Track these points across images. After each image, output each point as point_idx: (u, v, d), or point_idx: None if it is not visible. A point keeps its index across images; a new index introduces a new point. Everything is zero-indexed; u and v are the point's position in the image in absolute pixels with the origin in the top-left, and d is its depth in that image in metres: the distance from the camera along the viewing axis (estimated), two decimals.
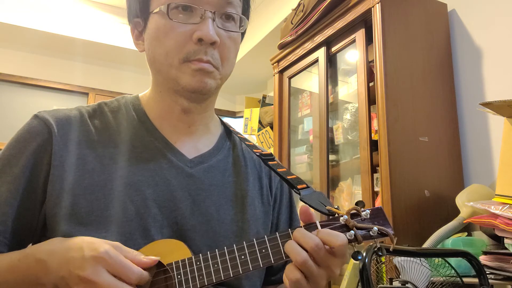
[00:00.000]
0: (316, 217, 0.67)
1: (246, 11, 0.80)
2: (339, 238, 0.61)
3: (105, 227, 0.67)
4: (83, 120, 0.75)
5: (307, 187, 0.74)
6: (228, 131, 0.88)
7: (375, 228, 0.64)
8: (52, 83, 3.87)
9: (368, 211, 0.66)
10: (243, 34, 0.82)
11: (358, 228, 0.64)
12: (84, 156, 0.71)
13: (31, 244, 0.73)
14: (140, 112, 0.79)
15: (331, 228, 0.64)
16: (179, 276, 0.63)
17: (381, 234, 0.64)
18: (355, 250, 0.64)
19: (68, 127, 0.73)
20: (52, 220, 0.68)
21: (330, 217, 0.67)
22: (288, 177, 0.76)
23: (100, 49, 3.77)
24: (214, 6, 0.72)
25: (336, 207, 0.68)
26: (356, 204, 0.67)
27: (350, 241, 0.63)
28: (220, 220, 0.75)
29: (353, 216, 0.66)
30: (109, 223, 0.67)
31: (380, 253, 0.65)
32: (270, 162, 0.80)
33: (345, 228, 0.64)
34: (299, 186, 0.74)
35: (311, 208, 0.67)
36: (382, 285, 1.27)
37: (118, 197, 0.69)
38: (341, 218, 0.65)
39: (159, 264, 0.65)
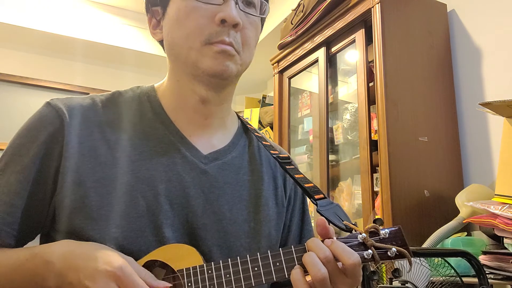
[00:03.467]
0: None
1: None
2: (352, 256, 0.58)
3: (115, 223, 0.65)
4: (96, 110, 0.73)
5: (324, 197, 0.71)
6: (245, 128, 0.86)
7: (394, 249, 0.61)
8: (52, 83, 3.87)
9: (387, 231, 0.63)
10: (263, 21, 0.80)
11: (376, 248, 0.61)
12: (96, 148, 0.69)
13: (39, 236, 0.71)
14: (155, 103, 0.77)
15: (348, 245, 0.61)
16: (189, 284, 0.61)
17: (399, 255, 0.62)
18: (372, 270, 0.62)
19: (80, 116, 0.71)
20: (61, 212, 0.66)
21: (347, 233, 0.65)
22: (306, 186, 0.74)
23: (100, 49, 3.76)
24: None
25: (354, 223, 0.66)
26: (374, 221, 0.65)
27: (367, 260, 0.61)
28: (232, 219, 0.73)
29: (371, 234, 0.63)
30: (119, 218, 0.65)
31: (396, 275, 0.63)
32: (287, 166, 0.78)
33: (362, 246, 0.62)
34: (316, 196, 0.71)
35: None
36: (382, 285, 1.27)
37: (129, 192, 0.67)
38: (359, 236, 0.62)
39: (169, 269, 0.63)
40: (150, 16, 0.78)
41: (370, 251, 0.61)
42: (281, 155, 0.80)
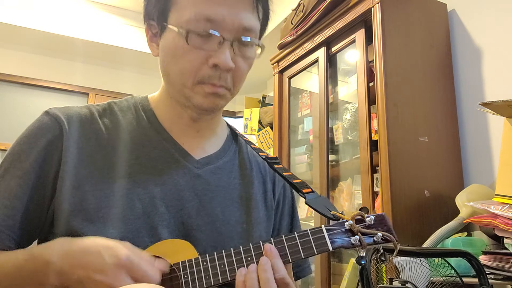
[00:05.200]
0: (321, 221, 0.68)
1: (264, 28, 0.79)
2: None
3: (112, 224, 0.67)
4: (93, 118, 0.76)
5: (312, 191, 0.75)
6: (234, 134, 0.89)
7: (379, 233, 0.65)
8: (52, 83, 3.87)
9: (373, 217, 0.67)
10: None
11: (362, 234, 0.65)
12: (93, 153, 0.72)
13: (37, 240, 0.73)
14: (149, 113, 0.80)
15: (336, 232, 0.66)
16: (185, 276, 0.63)
17: (385, 239, 0.65)
18: (359, 255, 0.65)
19: (78, 124, 0.74)
20: (60, 216, 0.68)
21: (335, 221, 0.68)
22: (294, 181, 0.77)
23: (100, 49, 3.77)
24: (233, 33, 0.71)
25: (341, 212, 0.69)
26: (360, 209, 0.68)
27: (354, 245, 0.65)
28: (225, 221, 0.76)
29: (357, 221, 0.67)
30: (116, 220, 0.68)
31: (383, 259, 0.65)
32: (276, 166, 0.81)
33: (349, 233, 0.66)
34: (304, 191, 0.75)
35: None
36: (382, 285, 1.27)
37: (126, 195, 0.70)
38: (346, 223, 0.66)
39: (166, 264, 0.65)
40: (147, 26, 0.79)
41: (357, 236, 0.65)
42: (269, 156, 0.84)
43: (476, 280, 1.05)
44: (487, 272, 1.16)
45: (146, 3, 0.78)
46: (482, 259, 1.23)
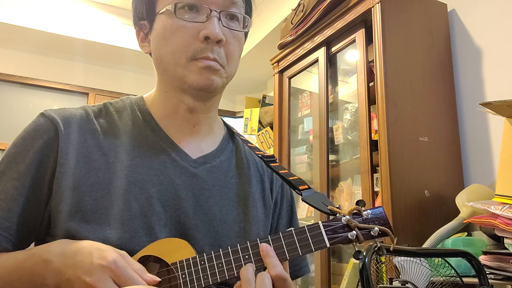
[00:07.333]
0: (319, 217, 0.68)
1: (248, 13, 0.81)
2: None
3: (109, 225, 0.67)
4: (89, 119, 0.76)
5: (309, 188, 0.75)
6: (231, 133, 0.89)
7: (376, 228, 0.65)
8: (52, 83, 3.87)
9: (369, 211, 0.67)
10: (246, 34, 0.83)
11: (359, 228, 0.65)
12: (89, 154, 0.72)
13: (34, 242, 0.73)
14: (145, 112, 0.80)
15: (333, 228, 0.65)
16: (183, 276, 0.63)
17: (382, 234, 0.65)
18: (356, 249, 0.65)
19: (74, 125, 0.74)
20: (56, 217, 0.68)
21: (332, 217, 0.68)
22: (290, 178, 0.77)
23: (100, 49, 3.77)
24: (219, 6, 0.74)
25: (337, 206, 0.69)
26: (357, 203, 0.68)
27: (351, 241, 0.64)
28: (222, 220, 0.75)
29: (354, 215, 0.67)
30: (113, 220, 0.68)
31: (380, 253, 0.65)
32: (272, 164, 0.81)
33: (346, 228, 0.65)
34: (300, 187, 0.75)
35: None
36: (382, 285, 1.27)
37: (122, 195, 0.70)
38: (343, 218, 0.66)
39: (163, 263, 0.65)
40: (138, 29, 0.82)
41: (354, 232, 0.64)
42: (265, 154, 0.84)
43: (476, 280, 1.05)
44: (487, 272, 1.16)
45: (134, 4, 0.80)
46: (482, 259, 1.23)
